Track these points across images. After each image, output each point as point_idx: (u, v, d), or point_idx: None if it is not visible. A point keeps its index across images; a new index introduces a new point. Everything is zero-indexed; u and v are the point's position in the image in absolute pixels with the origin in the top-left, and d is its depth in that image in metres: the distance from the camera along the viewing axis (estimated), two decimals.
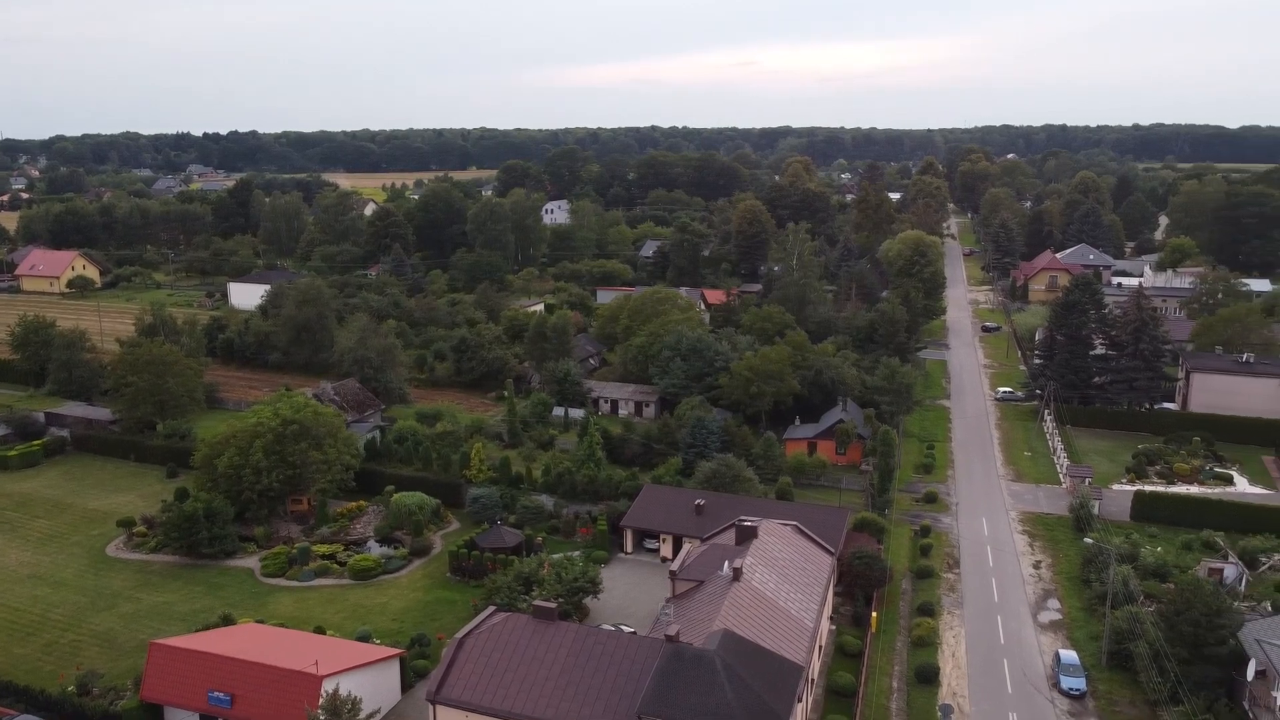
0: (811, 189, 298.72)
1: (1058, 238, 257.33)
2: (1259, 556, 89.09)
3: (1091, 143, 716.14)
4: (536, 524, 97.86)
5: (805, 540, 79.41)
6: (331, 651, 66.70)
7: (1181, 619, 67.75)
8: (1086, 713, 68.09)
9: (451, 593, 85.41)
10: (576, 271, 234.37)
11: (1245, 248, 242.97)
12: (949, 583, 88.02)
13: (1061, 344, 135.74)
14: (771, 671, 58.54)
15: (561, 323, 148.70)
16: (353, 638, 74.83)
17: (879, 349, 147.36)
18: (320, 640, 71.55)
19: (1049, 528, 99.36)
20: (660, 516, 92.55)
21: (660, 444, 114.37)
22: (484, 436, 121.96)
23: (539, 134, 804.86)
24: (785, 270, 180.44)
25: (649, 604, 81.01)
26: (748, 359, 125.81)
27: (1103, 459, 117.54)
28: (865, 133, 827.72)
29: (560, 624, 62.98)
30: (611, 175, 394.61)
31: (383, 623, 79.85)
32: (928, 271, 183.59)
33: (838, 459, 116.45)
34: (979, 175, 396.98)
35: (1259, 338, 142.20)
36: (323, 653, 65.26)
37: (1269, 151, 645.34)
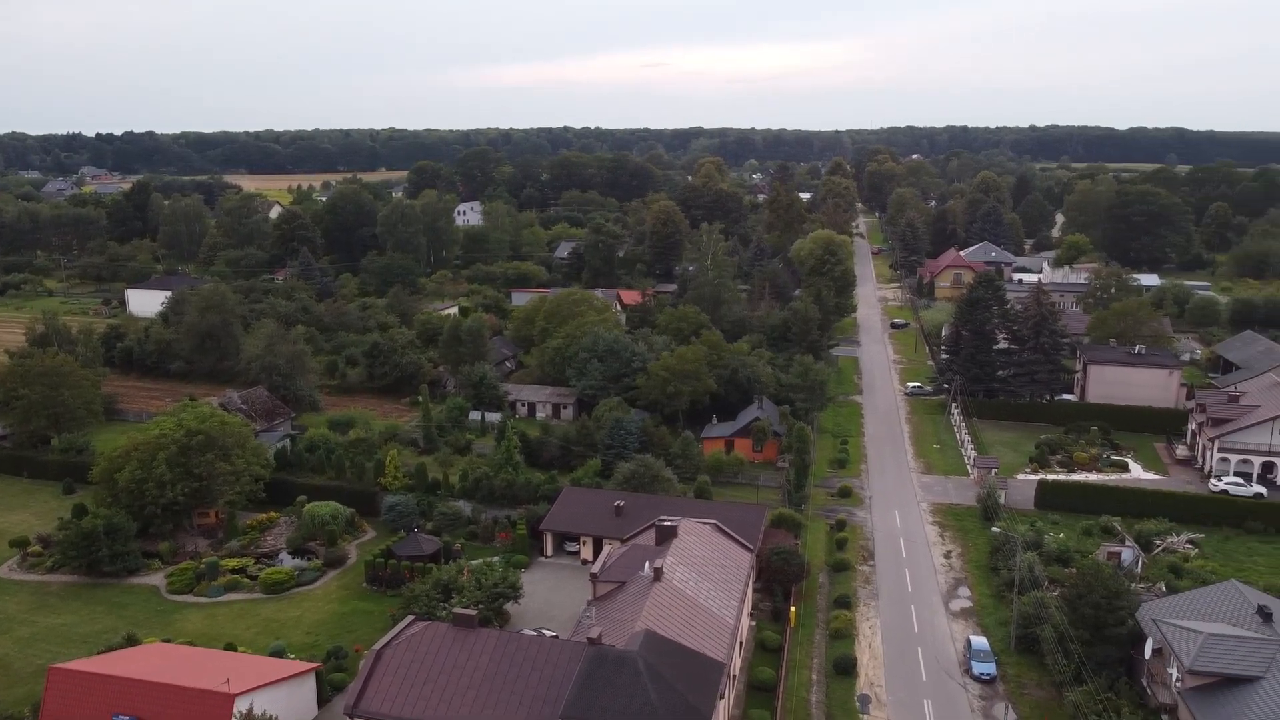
0: (724, 189, 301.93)
1: (961, 236, 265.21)
2: (1153, 539, 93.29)
3: (991, 143, 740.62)
4: (454, 530, 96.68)
5: (724, 538, 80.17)
6: (243, 669, 64.73)
7: (1083, 602, 70.50)
8: (997, 696, 70.31)
9: (368, 603, 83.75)
10: (491, 274, 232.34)
11: (1135, 244, 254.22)
12: (864, 575, 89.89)
13: (967, 339, 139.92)
14: (694, 670, 58.93)
15: (476, 326, 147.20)
16: (266, 653, 72.79)
17: (793, 347, 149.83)
18: (231, 657, 69.38)
19: (958, 518, 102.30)
20: (580, 519, 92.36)
21: (579, 446, 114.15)
22: (399, 443, 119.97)
23: (450, 135, 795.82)
24: (699, 270, 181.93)
25: (571, 607, 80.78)
26: (664, 359, 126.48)
27: (1007, 450, 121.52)
28: (775, 133, 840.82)
29: (481, 631, 62.32)
30: (524, 176, 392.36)
31: (297, 637, 77.86)
32: (838, 270, 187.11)
33: (754, 456, 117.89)
34: (886, 175, 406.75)
35: (1149, 330, 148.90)
36: (234, 670, 63.30)
37: (1155, 152, 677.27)
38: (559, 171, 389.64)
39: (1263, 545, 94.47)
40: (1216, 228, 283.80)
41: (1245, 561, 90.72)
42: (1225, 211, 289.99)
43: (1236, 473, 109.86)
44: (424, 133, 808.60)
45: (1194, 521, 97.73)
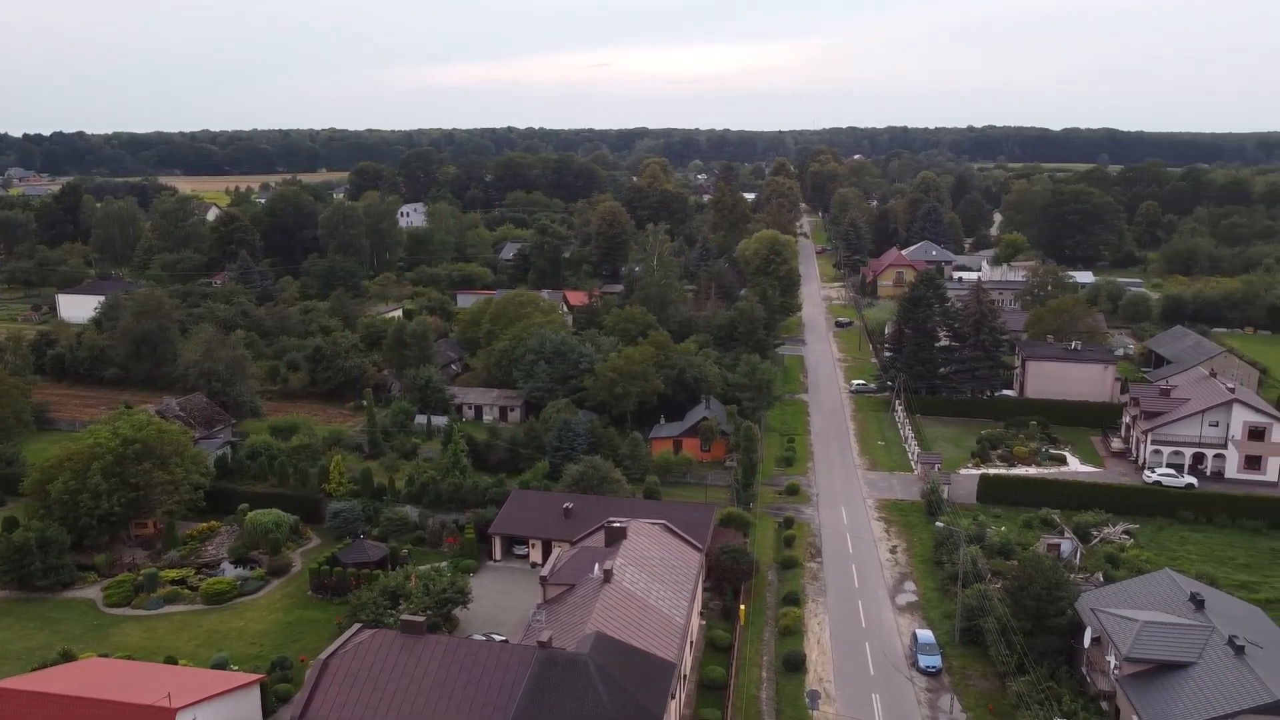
0: (669, 190, 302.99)
1: (903, 235, 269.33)
2: (1091, 531, 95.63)
3: (931, 144, 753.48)
4: (401, 536, 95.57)
5: (674, 538, 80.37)
6: (185, 682, 63.21)
7: (1025, 594, 72.01)
8: (943, 688, 71.47)
9: (314, 612, 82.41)
10: (435, 275, 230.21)
11: (1070, 242, 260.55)
12: (812, 571, 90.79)
13: (909, 337, 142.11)
14: (645, 671, 58.98)
15: (421, 328, 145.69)
16: (208, 666, 71.25)
17: (739, 346, 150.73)
18: (172, 671, 67.74)
19: (903, 513, 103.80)
20: (529, 522, 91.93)
21: (526, 448, 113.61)
22: (343, 448, 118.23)
23: (392, 135, 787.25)
24: (646, 271, 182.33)
25: (520, 611, 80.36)
26: (612, 360, 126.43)
27: (950, 445, 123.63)
28: (720, 134, 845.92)
29: (429, 637, 61.66)
30: (468, 177, 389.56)
31: (241, 648, 76.32)
32: (783, 270, 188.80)
33: (703, 456, 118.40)
34: (828, 175, 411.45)
35: (1084, 326, 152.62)
36: (175, 684, 61.77)
37: (1088, 152, 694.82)
38: (504, 172, 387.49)
39: (1194, 534, 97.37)
40: (1147, 226, 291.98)
41: (1178, 550, 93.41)
42: (1155, 210, 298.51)
43: (1169, 464, 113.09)
44: (365, 133, 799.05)
45: (1129, 512, 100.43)
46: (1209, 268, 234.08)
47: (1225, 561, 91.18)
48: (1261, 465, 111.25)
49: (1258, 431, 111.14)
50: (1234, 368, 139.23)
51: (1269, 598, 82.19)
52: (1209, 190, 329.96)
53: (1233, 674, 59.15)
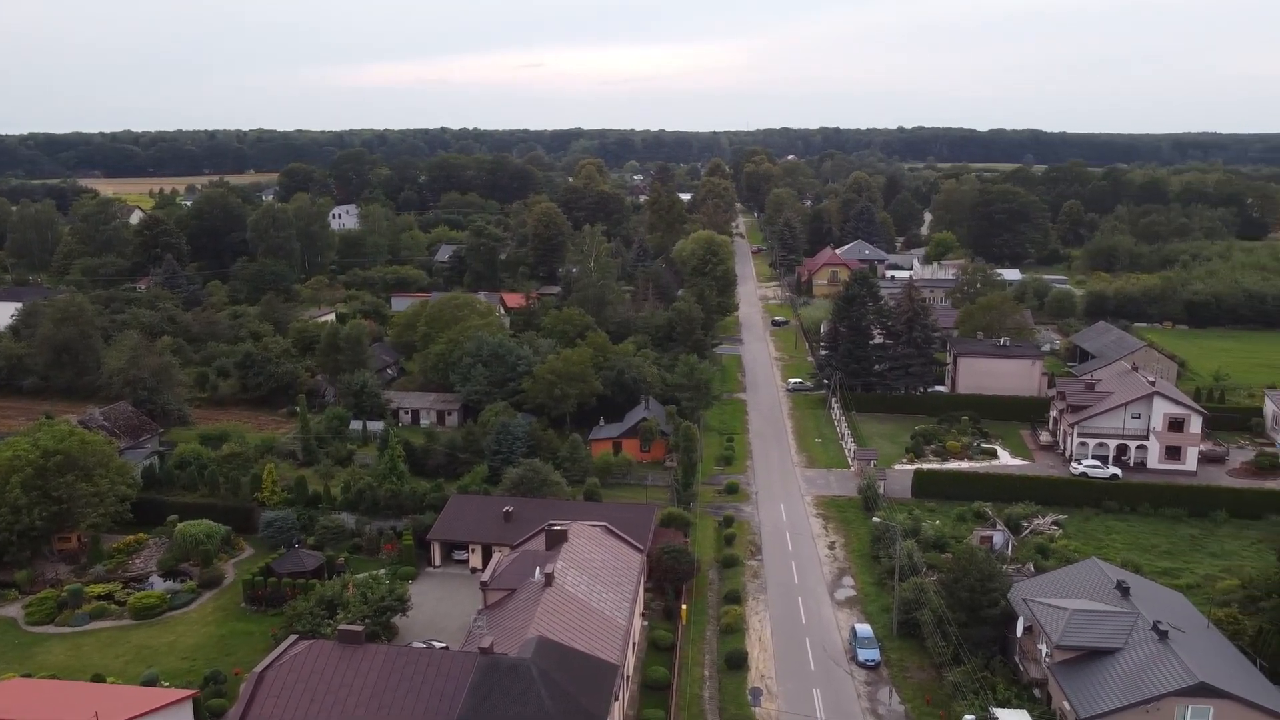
0: (605, 190, 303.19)
1: (837, 234, 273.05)
2: (1021, 522, 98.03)
3: (863, 144, 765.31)
4: (338, 544, 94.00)
5: (615, 540, 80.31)
6: (113, 700, 61.26)
7: (959, 586, 73.49)
8: (881, 681, 72.60)
9: (248, 624, 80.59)
10: (369, 278, 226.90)
11: (997, 240, 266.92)
12: (753, 569, 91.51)
13: (844, 335, 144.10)
14: (588, 674, 58.80)
15: (355, 332, 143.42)
16: (138, 683, 69.21)
17: (677, 346, 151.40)
18: (99, 689, 65.62)
19: (841, 509, 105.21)
20: (468, 527, 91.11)
21: (465, 452, 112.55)
22: (276, 456, 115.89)
23: (322, 136, 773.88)
24: (583, 272, 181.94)
25: (461, 617, 79.58)
26: (550, 362, 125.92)
27: (885, 441, 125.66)
28: (655, 135, 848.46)
29: (368, 646, 60.63)
30: (402, 178, 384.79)
31: (172, 663, 74.27)
32: (719, 270, 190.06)
33: (642, 456, 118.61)
34: (763, 176, 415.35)
35: (1012, 323, 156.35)
36: (102, 703, 59.84)
37: (1013, 152, 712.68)
38: (437, 173, 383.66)
39: (1119, 523, 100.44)
40: (1070, 224, 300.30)
41: (1104, 539, 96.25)
42: (1078, 209, 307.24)
43: (1094, 456, 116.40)
44: (295, 134, 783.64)
45: (1057, 503, 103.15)
46: (1129, 264, 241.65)
47: (1148, 549, 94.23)
48: (1181, 455, 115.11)
49: (1177, 423, 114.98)
50: (1154, 361, 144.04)
51: (1189, 583, 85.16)
52: (1128, 190, 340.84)
53: (1158, 658, 61.11)
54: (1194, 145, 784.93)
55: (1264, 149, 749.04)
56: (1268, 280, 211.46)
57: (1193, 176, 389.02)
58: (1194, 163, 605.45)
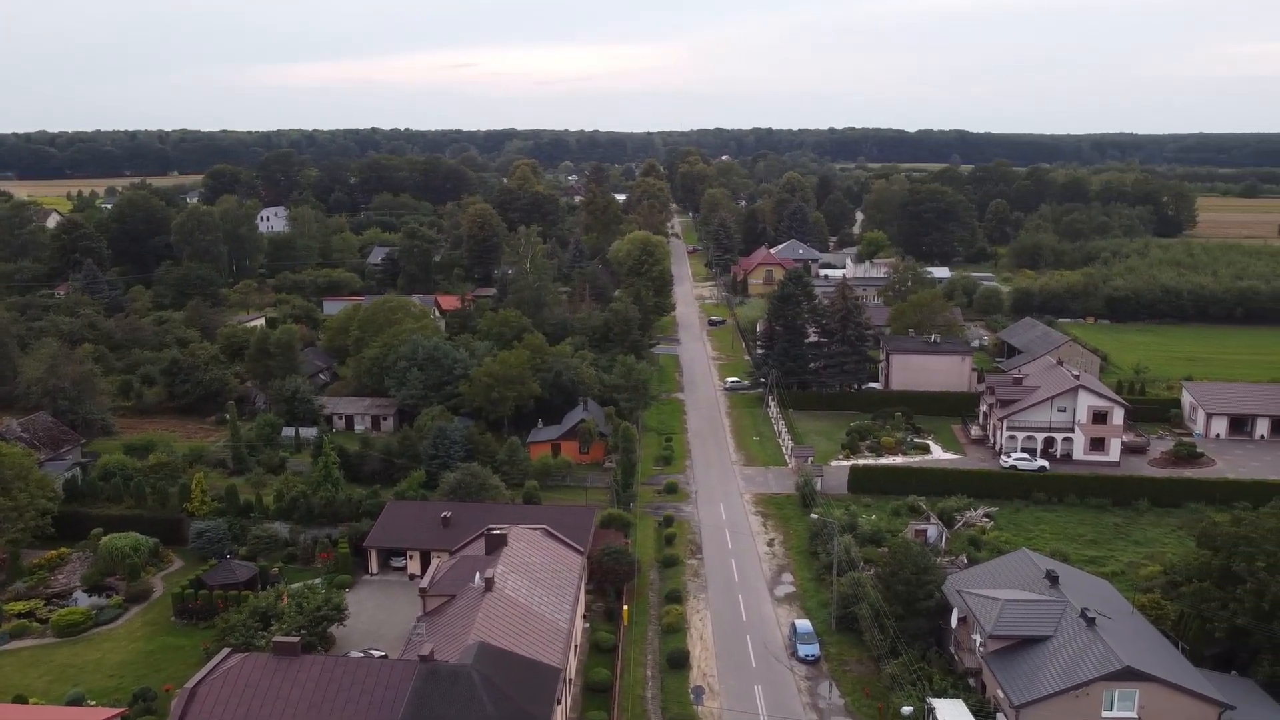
0: (540, 191, 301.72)
1: (771, 234, 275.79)
2: (954, 515, 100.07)
3: (795, 145, 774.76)
4: (271, 554, 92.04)
5: (555, 542, 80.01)
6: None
7: (895, 579, 74.76)
8: (821, 675, 73.49)
9: (179, 638, 78.44)
10: (300, 282, 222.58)
11: (927, 239, 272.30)
12: (693, 568, 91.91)
13: (780, 334, 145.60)
14: (529, 678, 58.49)
15: (286, 337, 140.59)
16: (63, 703, 66.90)
17: (614, 347, 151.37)
18: (21, 711, 63.32)
19: (779, 507, 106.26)
20: (406, 533, 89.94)
21: (401, 458, 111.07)
22: (205, 465, 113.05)
23: (249, 136, 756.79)
24: (519, 273, 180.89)
25: (400, 625, 78.50)
26: (487, 364, 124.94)
27: (822, 438, 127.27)
28: (589, 135, 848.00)
29: (305, 658, 59.51)
30: (332, 179, 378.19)
31: (98, 681, 71.90)
32: (656, 270, 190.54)
33: (582, 458, 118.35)
34: (697, 176, 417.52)
35: (943, 320, 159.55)
36: None
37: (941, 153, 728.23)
38: (369, 174, 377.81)
39: (1047, 514, 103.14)
40: (997, 223, 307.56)
41: (1034, 530, 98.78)
42: (1003, 208, 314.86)
43: (1023, 449, 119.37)
44: (220, 134, 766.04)
45: (988, 496, 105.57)
46: (1053, 262, 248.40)
47: (1075, 538, 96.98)
48: (1104, 446, 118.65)
49: (1100, 415, 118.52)
50: (1078, 356, 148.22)
51: (1114, 570, 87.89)
52: (1051, 189, 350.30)
53: (1086, 645, 62.87)
54: (1112, 145, 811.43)
55: (1177, 149, 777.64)
56: (1183, 276, 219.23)
57: (1111, 176, 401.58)
58: (1112, 163, 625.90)
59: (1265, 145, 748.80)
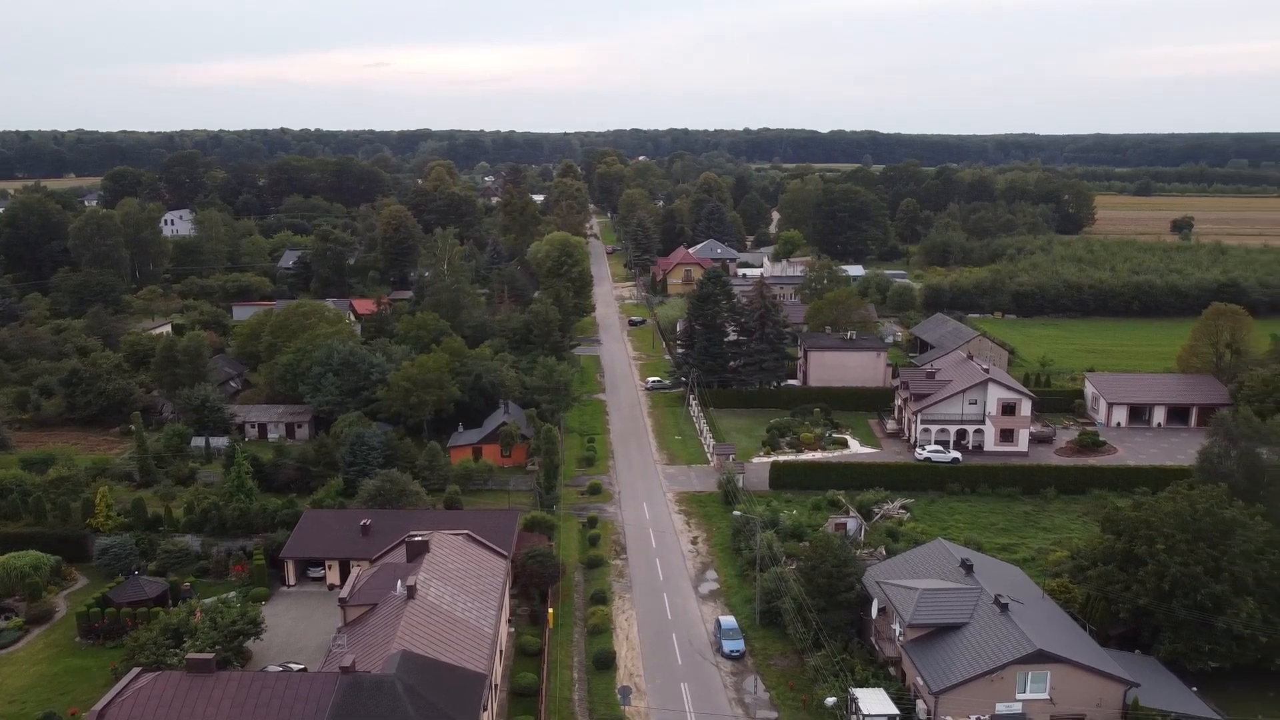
0: (456, 192, 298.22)
1: (689, 234, 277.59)
2: (872, 508, 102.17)
3: (711, 145, 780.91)
4: (183, 569, 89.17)
5: (478, 547, 79.21)
6: None
7: (817, 573, 75.95)
8: (747, 670, 74.25)
9: (84, 659, 75.36)
10: (207, 287, 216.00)
11: (841, 238, 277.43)
12: (618, 569, 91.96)
13: (700, 333, 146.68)
14: (455, 685, 57.75)
15: (194, 344, 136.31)
16: None
17: (535, 349, 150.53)
18: None
19: (702, 504, 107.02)
20: (324, 542, 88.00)
21: (317, 465, 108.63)
22: (110, 478, 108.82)
23: (150, 137, 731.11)
24: (436, 276, 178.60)
25: (320, 636, 76.79)
26: (405, 369, 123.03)
27: (743, 435, 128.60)
28: (505, 136, 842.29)
29: (220, 674, 57.72)
30: (239, 181, 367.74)
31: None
32: (575, 271, 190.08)
33: (504, 461, 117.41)
34: (615, 177, 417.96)
35: (858, 317, 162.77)
36: None
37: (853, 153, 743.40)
38: (278, 176, 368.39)
39: (961, 504, 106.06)
40: (908, 221, 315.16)
41: (948, 520, 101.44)
42: (914, 207, 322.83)
43: (937, 441, 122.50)
44: (119, 135, 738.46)
45: (905, 488, 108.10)
46: (962, 259, 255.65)
47: (988, 527, 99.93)
48: (1014, 437, 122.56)
49: (1009, 407, 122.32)
50: (987, 350, 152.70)
51: (1025, 557, 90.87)
52: (958, 188, 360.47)
53: (1000, 630, 64.86)
54: (1015, 146, 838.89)
55: (1076, 149, 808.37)
56: (1084, 272, 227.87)
57: (1016, 175, 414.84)
58: (1016, 162, 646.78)
59: (1157, 146, 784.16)
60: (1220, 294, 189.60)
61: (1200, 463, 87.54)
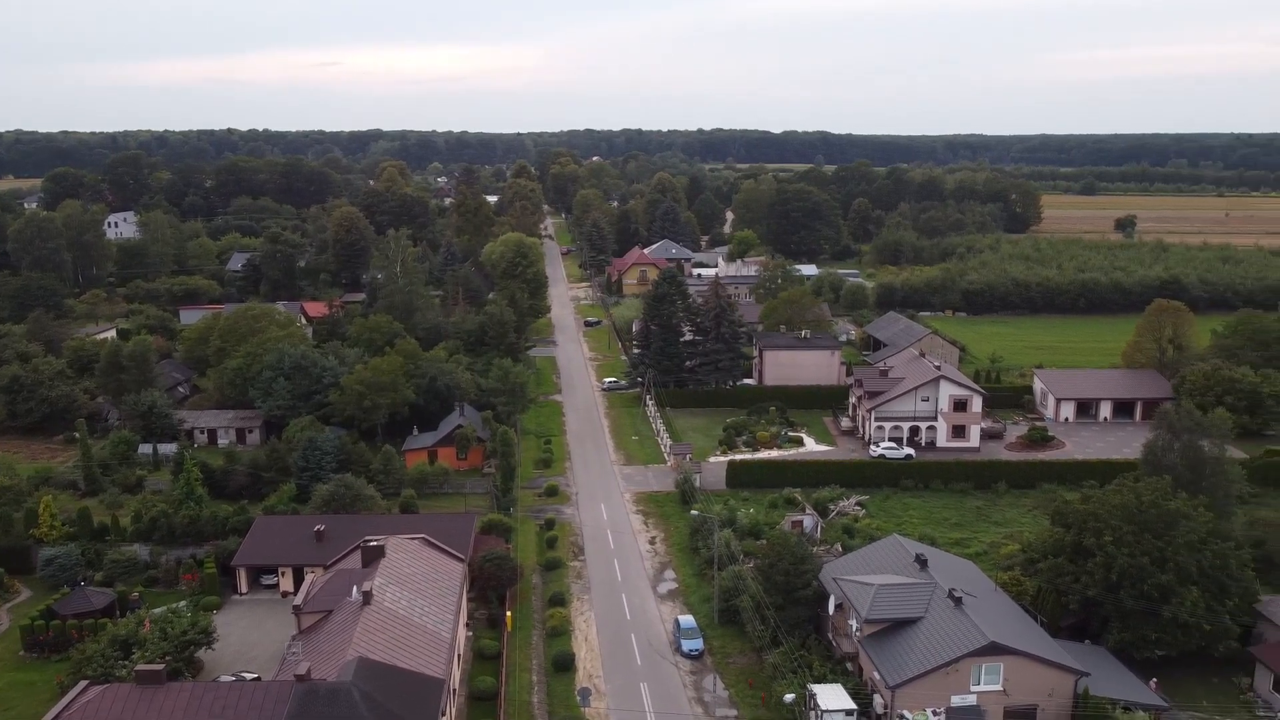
0: (409, 193, 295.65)
1: (644, 234, 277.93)
2: (828, 505, 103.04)
3: (664, 146, 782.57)
4: (131, 579, 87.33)
5: (435, 551, 78.56)
6: None
7: (774, 570, 76.43)
8: (706, 669, 74.48)
9: (29, 674, 73.43)
10: (154, 291, 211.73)
11: (794, 238, 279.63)
12: (576, 570, 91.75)
13: (656, 333, 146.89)
14: (412, 691, 57.24)
15: (140, 349, 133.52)
16: None
17: (490, 351, 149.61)
18: None
19: (660, 504, 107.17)
20: (277, 549, 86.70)
21: (269, 471, 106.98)
22: (54, 488, 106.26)
23: (93, 137, 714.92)
24: (389, 278, 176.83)
25: (273, 645, 75.63)
26: (358, 372, 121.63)
27: (699, 435, 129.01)
28: (458, 136, 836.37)
29: (170, 686, 56.64)
30: (186, 183, 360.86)
31: None
32: (530, 272, 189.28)
33: (460, 464, 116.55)
34: (569, 177, 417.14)
35: (812, 316, 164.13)
36: None
37: (805, 153, 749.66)
38: (226, 177, 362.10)
39: (915, 500, 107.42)
40: (860, 221, 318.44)
41: (902, 516, 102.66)
42: (866, 206, 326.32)
43: (890, 438, 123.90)
44: (60, 135, 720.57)
45: (860, 485, 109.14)
46: (913, 258, 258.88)
47: (941, 522, 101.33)
48: (965, 433, 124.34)
49: (961, 403, 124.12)
50: (938, 347, 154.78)
51: (977, 551, 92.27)
52: (909, 188, 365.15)
53: (954, 624, 65.75)
54: (964, 146, 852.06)
55: (1022, 149, 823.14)
56: (1031, 269, 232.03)
57: (964, 175, 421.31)
58: (965, 163, 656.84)
59: (1100, 146, 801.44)
60: (1162, 291, 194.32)
61: (1145, 456, 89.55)
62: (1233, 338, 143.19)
